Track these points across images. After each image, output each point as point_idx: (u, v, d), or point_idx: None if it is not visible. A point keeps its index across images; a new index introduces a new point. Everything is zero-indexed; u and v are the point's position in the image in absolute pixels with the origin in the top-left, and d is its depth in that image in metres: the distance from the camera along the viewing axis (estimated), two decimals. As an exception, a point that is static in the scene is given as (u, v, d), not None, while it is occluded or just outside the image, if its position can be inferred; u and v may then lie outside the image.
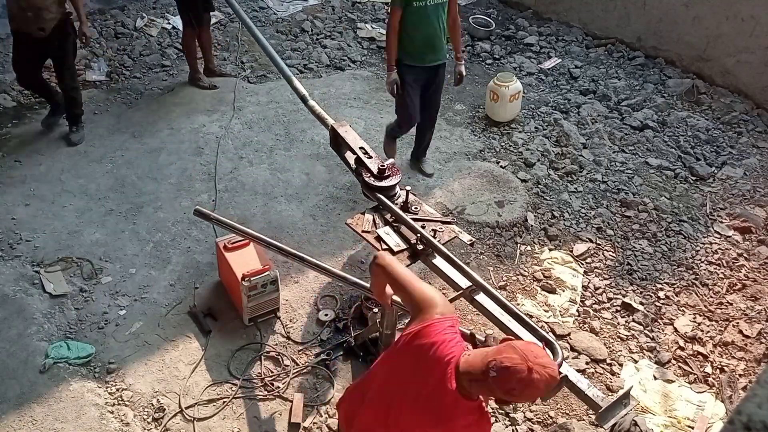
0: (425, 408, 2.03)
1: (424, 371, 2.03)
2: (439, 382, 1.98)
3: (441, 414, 2.00)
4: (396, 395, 2.12)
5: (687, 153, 5.37)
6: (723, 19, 5.87)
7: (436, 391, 1.99)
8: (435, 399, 2.00)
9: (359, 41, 6.72)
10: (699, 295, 4.19)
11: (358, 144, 3.30)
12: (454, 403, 1.96)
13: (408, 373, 2.09)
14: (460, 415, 1.99)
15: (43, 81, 5.13)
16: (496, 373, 1.83)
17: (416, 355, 2.05)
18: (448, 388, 1.94)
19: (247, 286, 3.56)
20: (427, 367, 2.02)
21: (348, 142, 3.35)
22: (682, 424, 3.47)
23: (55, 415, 3.29)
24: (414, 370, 2.06)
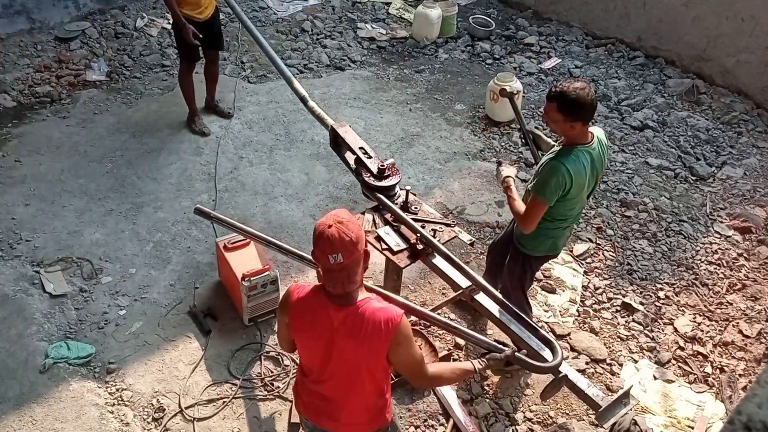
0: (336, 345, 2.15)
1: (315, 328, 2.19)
2: (325, 311, 2.13)
3: (350, 335, 2.12)
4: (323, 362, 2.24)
5: (687, 153, 5.37)
6: (723, 19, 5.87)
7: (332, 322, 2.13)
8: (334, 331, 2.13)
9: (359, 41, 6.72)
10: (699, 295, 4.19)
11: (358, 144, 3.30)
12: (349, 316, 2.10)
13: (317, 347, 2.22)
14: (356, 323, 2.10)
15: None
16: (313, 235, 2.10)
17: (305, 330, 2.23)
18: (329, 311, 2.12)
19: (247, 286, 3.56)
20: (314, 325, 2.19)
21: (348, 143, 3.35)
22: (682, 424, 3.47)
23: (55, 415, 3.30)
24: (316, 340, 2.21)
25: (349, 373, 2.20)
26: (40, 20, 6.34)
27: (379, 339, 2.09)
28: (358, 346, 2.12)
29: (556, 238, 3.14)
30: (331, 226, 2.04)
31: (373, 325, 2.08)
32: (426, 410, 3.43)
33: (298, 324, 2.20)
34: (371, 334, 2.08)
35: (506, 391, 3.57)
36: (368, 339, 2.09)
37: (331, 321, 2.13)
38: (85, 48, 6.17)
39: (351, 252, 2.04)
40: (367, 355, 2.14)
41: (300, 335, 2.24)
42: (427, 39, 6.73)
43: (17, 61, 5.92)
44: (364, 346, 2.11)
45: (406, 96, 5.95)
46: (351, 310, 2.11)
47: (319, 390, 2.30)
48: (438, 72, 6.31)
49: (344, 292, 2.10)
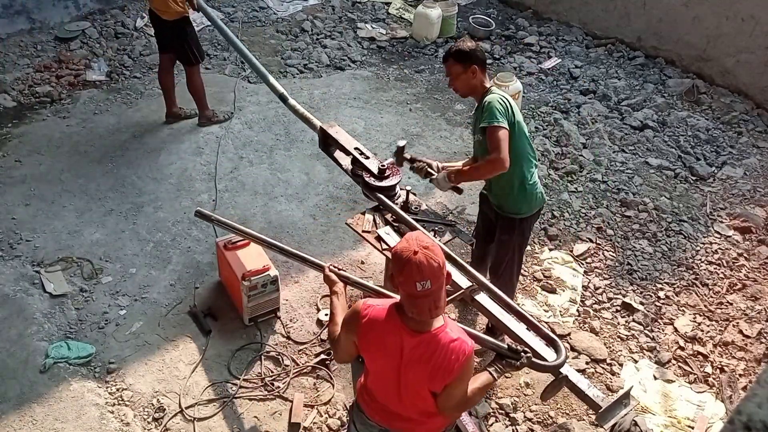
0: (411, 369, 2.13)
1: (385, 346, 2.15)
2: (398, 336, 2.11)
3: (421, 363, 2.10)
4: (394, 376, 2.21)
5: (687, 153, 5.37)
6: (723, 19, 5.87)
7: (402, 347, 2.10)
8: (407, 355, 2.11)
9: (359, 41, 6.72)
10: (699, 295, 4.19)
11: (353, 144, 3.29)
12: (422, 344, 2.08)
13: (386, 359, 2.18)
14: (429, 352, 2.07)
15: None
16: (391, 257, 2.05)
17: (373, 340, 2.19)
18: (402, 336, 2.09)
19: (247, 286, 3.56)
20: (384, 340, 2.15)
21: (341, 143, 3.33)
22: (682, 424, 3.47)
23: (55, 415, 3.30)
24: (384, 352, 2.17)
25: (415, 393, 2.18)
26: (40, 20, 6.34)
27: (446, 371, 2.07)
28: (422, 372, 2.09)
29: (536, 185, 3.24)
30: (417, 253, 1.98)
31: (445, 356, 2.06)
32: (426, 410, 3.43)
33: (367, 345, 2.18)
34: (441, 364, 2.06)
35: (506, 391, 3.57)
36: (437, 369, 2.07)
37: (402, 346, 2.09)
38: (85, 48, 6.17)
39: (438, 277, 1.99)
40: (428, 382, 2.12)
41: (369, 355, 2.22)
42: (427, 39, 6.74)
43: (17, 61, 5.93)
44: (427, 373, 2.09)
45: (406, 96, 5.95)
46: (425, 338, 2.07)
47: (389, 406, 2.29)
48: (438, 72, 6.31)
49: (431, 318, 2.06)
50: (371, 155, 3.24)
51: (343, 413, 3.41)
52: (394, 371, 2.15)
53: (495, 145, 2.95)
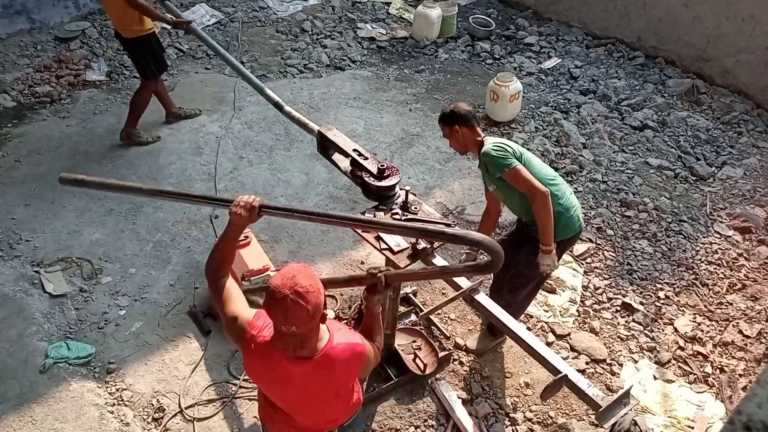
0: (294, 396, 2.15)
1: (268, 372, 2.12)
2: (286, 371, 2.05)
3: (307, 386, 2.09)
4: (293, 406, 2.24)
5: (687, 153, 5.37)
6: (723, 19, 5.87)
7: (293, 377, 2.07)
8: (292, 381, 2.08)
9: (359, 41, 6.72)
10: (699, 295, 4.19)
11: (351, 146, 3.28)
12: (314, 369, 2.04)
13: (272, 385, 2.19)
14: (326, 373, 2.06)
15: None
16: (265, 294, 1.93)
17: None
18: (288, 367, 2.03)
19: (247, 286, 3.56)
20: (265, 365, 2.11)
21: (339, 146, 3.32)
22: (682, 424, 3.47)
23: (55, 415, 3.30)
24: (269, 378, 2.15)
25: (319, 409, 2.24)
26: (40, 20, 6.34)
27: (350, 378, 2.19)
28: (327, 392, 2.15)
29: (567, 209, 3.16)
30: (287, 297, 1.86)
31: (344, 370, 2.10)
32: (426, 410, 3.43)
33: (254, 370, 2.14)
34: (342, 377, 2.13)
35: (506, 391, 3.57)
36: (339, 384, 2.16)
37: (292, 376, 2.05)
38: (85, 48, 6.17)
39: (306, 323, 1.91)
40: (339, 388, 2.19)
41: (259, 382, 2.23)
42: (427, 39, 6.74)
43: (17, 61, 5.93)
44: (333, 391, 2.17)
45: (406, 96, 5.95)
46: (316, 362, 2.03)
47: (286, 419, 2.29)
48: (438, 72, 6.31)
49: (294, 356, 2.00)
50: (370, 156, 3.23)
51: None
52: (293, 397, 2.15)
53: (524, 184, 2.99)
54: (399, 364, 3.53)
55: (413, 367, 3.50)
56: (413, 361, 3.52)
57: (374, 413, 3.42)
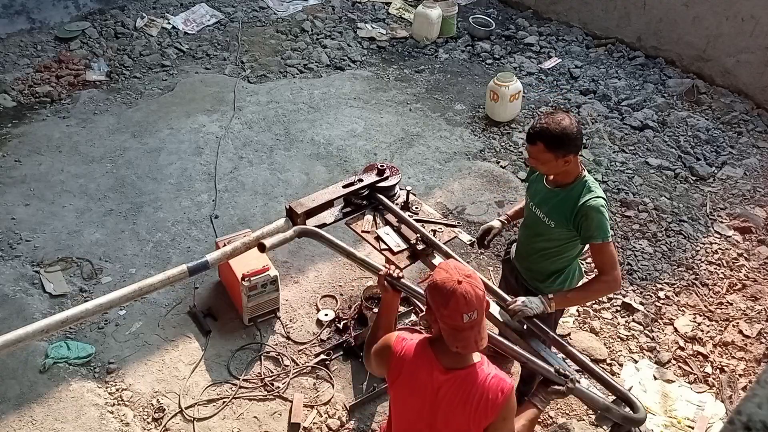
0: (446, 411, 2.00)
1: (415, 381, 2.03)
2: (430, 374, 1.98)
3: (457, 406, 1.97)
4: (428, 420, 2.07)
5: (687, 153, 5.37)
6: (723, 19, 5.87)
7: (436, 386, 1.98)
8: (444, 394, 1.98)
9: (359, 41, 6.72)
10: (699, 295, 4.19)
11: (338, 191, 3.04)
12: (457, 381, 1.96)
13: (413, 397, 2.06)
14: (466, 390, 1.96)
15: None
16: (428, 289, 1.92)
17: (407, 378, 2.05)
18: (435, 374, 1.97)
19: (247, 286, 3.56)
20: (416, 374, 2.02)
21: (328, 200, 2.98)
22: (682, 424, 3.47)
23: (55, 415, 3.30)
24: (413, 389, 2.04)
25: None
26: (40, 20, 6.34)
27: (486, 411, 1.95)
28: (460, 414, 1.97)
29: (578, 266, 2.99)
30: (462, 282, 1.87)
31: (483, 395, 1.94)
32: (426, 410, 3.43)
33: (397, 381, 2.04)
34: (479, 403, 1.94)
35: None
36: (475, 409, 1.95)
37: (435, 385, 1.97)
38: (85, 48, 6.18)
39: (482, 307, 1.90)
40: (466, 424, 1.98)
41: (398, 392, 2.09)
42: (427, 39, 6.73)
43: (17, 61, 5.93)
44: (466, 416, 1.96)
45: (406, 96, 5.95)
46: (461, 374, 1.96)
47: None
48: (438, 72, 6.31)
49: (477, 350, 1.94)
50: (362, 176, 3.13)
51: (342, 413, 3.41)
52: (427, 412, 2.02)
53: (610, 263, 2.61)
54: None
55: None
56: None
57: (374, 413, 3.43)
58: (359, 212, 3.08)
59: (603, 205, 2.59)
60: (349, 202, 3.12)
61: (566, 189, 2.66)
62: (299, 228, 2.82)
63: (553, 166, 2.58)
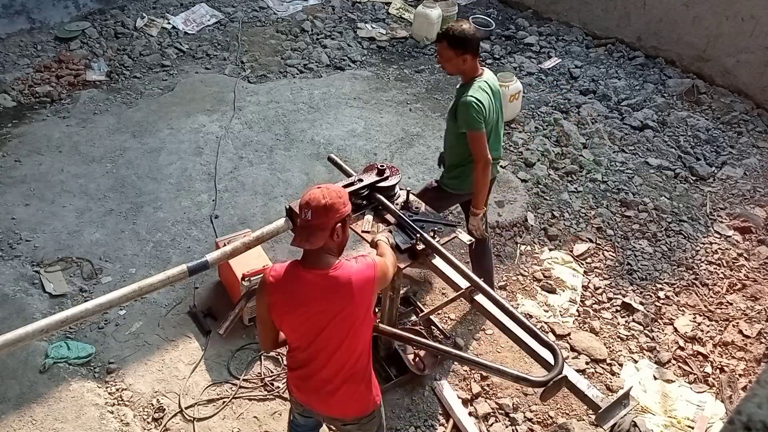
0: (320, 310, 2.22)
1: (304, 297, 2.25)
2: (304, 282, 2.21)
3: (330, 296, 2.20)
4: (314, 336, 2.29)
5: (687, 153, 5.37)
6: (723, 19, 5.87)
7: (312, 285, 2.21)
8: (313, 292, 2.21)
9: (359, 41, 6.72)
10: (699, 295, 4.19)
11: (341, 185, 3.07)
12: (328, 280, 2.20)
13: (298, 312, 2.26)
14: (342, 282, 2.19)
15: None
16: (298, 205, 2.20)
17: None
18: (307, 275, 2.21)
19: (247, 286, 3.56)
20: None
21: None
22: (682, 424, 3.47)
23: (55, 415, 3.29)
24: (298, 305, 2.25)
25: (338, 340, 2.25)
26: (40, 20, 6.34)
27: (368, 286, 2.22)
28: (346, 302, 2.19)
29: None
30: (320, 188, 2.21)
31: (360, 275, 2.21)
32: (426, 410, 3.43)
33: (279, 299, 2.23)
34: (359, 284, 2.20)
35: (506, 391, 3.57)
36: (358, 291, 2.19)
37: (309, 288, 2.20)
38: (85, 48, 6.18)
39: (320, 215, 2.16)
40: (357, 308, 2.21)
41: (282, 313, 2.26)
42: (427, 39, 6.73)
43: (17, 61, 5.93)
44: (353, 300, 2.19)
45: (406, 96, 5.95)
46: (332, 273, 2.20)
47: (309, 372, 2.34)
48: (438, 72, 6.30)
49: (304, 247, 2.19)
50: (362, 176, 3.14)
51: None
52: (313, 317, 2.21)
53: (477, 149, 3.19)
54: (399, 364, 3.53)
55: (413, 367, 3.50)
56: (413, 361, 3.52)
57: (374, 413, 3.42)
58: (359, 212, 3.09)
59: (472, 102, 3.13)
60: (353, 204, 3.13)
61: (461, 89, 3.27)
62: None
63: (453, 63, 3.21)
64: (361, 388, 2.39)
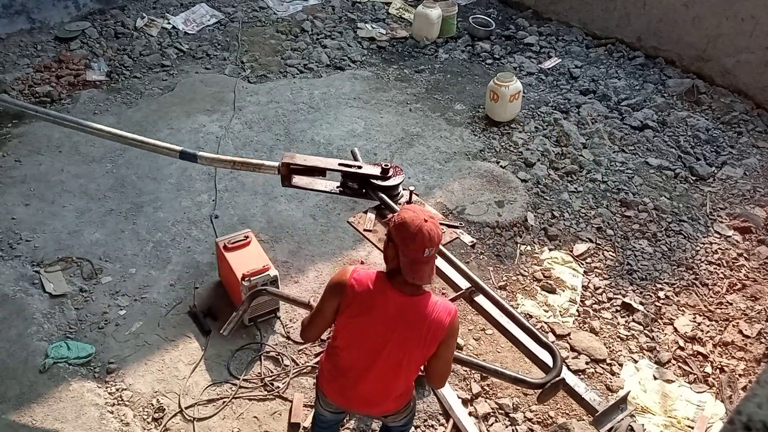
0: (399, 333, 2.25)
1: (372, 306, 2.26)
2: (386, 297, 2.24)
3: (411, 324, 2.22)
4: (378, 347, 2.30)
5: (687, 153, 5.37)
6: (723, 19, 5.87)
7: (392, 307, 2.24)
8: (395, 314, 2.24)
9: (359, 41, 6.72)
10: (699, 295, 4.19)
11: (335, 162, 3.14)
12: (413, 305, 2.23)
13: (371, 324, 2.28)
14: (420, 312, 2.23)
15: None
16: (395, 226, 2.19)
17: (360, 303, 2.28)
18: (392, 296, 2.22)
19: (247, 286, 3.56)
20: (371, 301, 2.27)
21: (322, 167, 3.12)
22: (682, 424, 3.47)
23: (55, 415, 3.29)
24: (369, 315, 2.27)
25: (397, 362, 2.27)
26: (40, 20, 6.34)
27: (436, 330, 2.22)
28: (415, 334, 2.21)
29: None
30: (427, 221, 2.17)
31: (434, 316, 2.22)
32: (426, 410, 3.43)
33: (353, 303, 2.23)
34: (431, 324, 2.21)
35: (506, 391, 3.57)
36: (428, 329, 2.21)
37: (390, 306, 2.21)
38: (85, 48, 6.17)
39: (438, 245, 2.21)
40: (421, 344, 2.22)
41: (352, 320, 2.26)
42: (427, 39, 6.73)
43: (17, 61, 5.93)
44: (421, 334, 2.21)
45: (406, 96, 5.95)
46: (416, 300, 2.23)
47: (349, 377, 2.35)
48: (438, 72, 6.31)
49: (430, 282, 2.22)
50: (362, 163, 3.17)
51: (343, 413, 3.41)
52: (380, 333, 2.23)
53: None
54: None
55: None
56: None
57: (374, 413, 3.42)
58: (351, 196, 3.16)
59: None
60: (345, 185, 3.17)
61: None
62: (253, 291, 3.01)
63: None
64: (399, 396, 2.44)
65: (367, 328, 2.25)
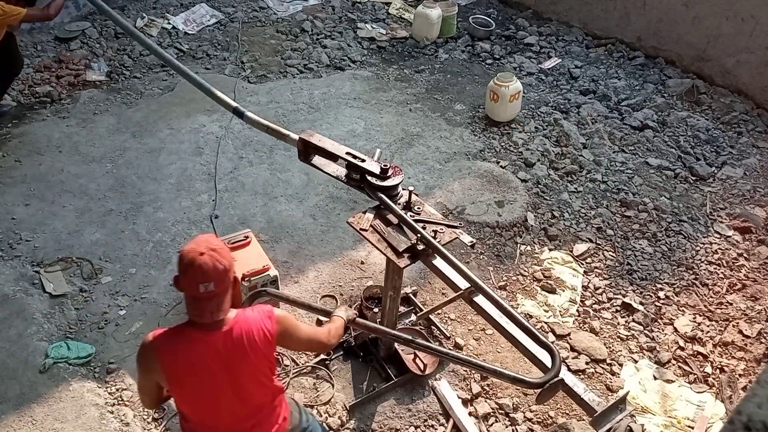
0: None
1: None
2: (200, 344, 2.08)
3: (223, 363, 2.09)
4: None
5: (687, 153, 5.37)
6: (723, 19, 5.87)
7: (213, 351, 2.09)
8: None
9: (359, 41, 6.72)
10: (699, 295, 4.19)
11: (343, 150, 3.20)
12: (222, 341, 2.07)
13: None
14: (237, 340, 2.08)
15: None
16: (178, 261, 2.02)
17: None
18: (205, 342, 2.07)
19: (247, 287, 3.56)
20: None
21: (330, 150, 3.20)
22: (682, 424, 3.47)
23: (55, 415, 3.30)
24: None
25: (244, 389, 2.14)
26: (40, 20, 6.33)
27: (266, 337, 2.11)
28: (245, 358, 2.08)
29: None
30: (203, 254, 1.97)
31: (258, 330, 2.10)
32: (426, 410, 3.43)
33: (177, 372, 2.06)
34: (258, 339, 2.09)
35: (506, 391, 3.57)
36: (258, 346, 2.09)
37: (206, 355, 2.05)
38: (85, 48, 6.17)
39: (222, 281, 2.00)
40: (256, 359, 2.10)
41: (182, 385, 2.09)
42: (427, 39, 6.73)
43: (17, 61, 5.92)
44: (249, 355, 2.08)
45: (406, 96, 5.95)
46: (226, 331, 2.06)
47: (233, 427, 2.21)
48: (438, 72, 6.31)
49: (212, 321, 2.04)
50: (366, 157, 3.20)
51: (342, 413, 3.41)
52: (221, 379, 2.09)
53: None
54: (399, 364, 3.53)
55: (413, 367, 3.50)
56: (413, 361, 3.53)
57: (374, 413, 3.42)
58: (353, 187, 3.19)
59: None
60: (349, 176, 3.18)
61: None
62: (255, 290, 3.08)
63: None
64: (273, 402, 2.29)
65: (202, 382, 2.08)
